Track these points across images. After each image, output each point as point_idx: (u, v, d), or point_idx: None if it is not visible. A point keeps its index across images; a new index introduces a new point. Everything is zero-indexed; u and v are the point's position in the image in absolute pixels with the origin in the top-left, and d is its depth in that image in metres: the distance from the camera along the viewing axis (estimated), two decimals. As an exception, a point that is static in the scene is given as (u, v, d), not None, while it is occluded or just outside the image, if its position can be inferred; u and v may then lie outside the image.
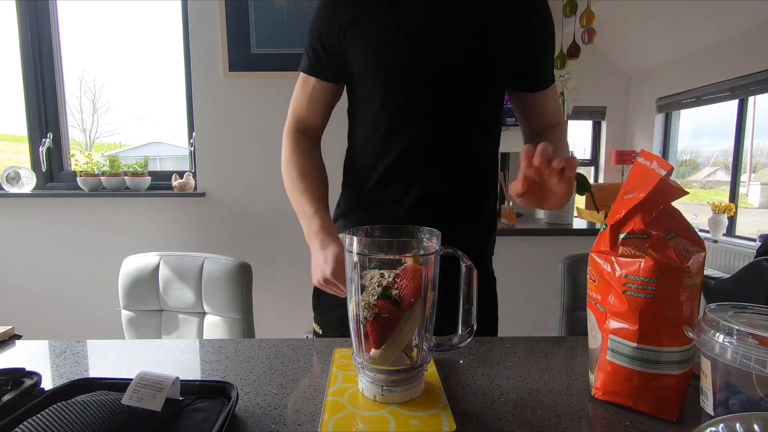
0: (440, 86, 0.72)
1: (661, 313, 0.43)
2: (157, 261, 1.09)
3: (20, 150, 2.27)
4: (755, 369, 0.38)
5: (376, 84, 0.74)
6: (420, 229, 0.51)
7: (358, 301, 0.46)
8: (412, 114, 0.74)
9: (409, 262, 0.46)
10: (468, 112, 0.75)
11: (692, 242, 0.45)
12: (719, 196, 4.93)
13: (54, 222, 2.01)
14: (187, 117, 2.11)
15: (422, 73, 0.71)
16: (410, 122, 0.74)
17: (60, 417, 0.36)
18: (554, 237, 1.86)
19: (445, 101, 0.73)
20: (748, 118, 4.12)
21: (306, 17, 1.88)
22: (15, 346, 0.65)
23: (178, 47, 2.05)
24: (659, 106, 5.09)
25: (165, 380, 0.42)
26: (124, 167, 2.04)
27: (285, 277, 2.00)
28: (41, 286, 2.05)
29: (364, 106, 0.78)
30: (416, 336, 0.48)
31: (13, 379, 0.47)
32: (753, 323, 0.42)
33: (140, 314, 1.10)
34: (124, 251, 1.20)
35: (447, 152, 0.75)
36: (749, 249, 3.83)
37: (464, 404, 0.48)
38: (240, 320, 1.04)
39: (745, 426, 0.31)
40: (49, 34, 2.04)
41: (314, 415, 0.46)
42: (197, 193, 1.97)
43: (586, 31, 3.11)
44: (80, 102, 3.41)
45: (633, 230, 0.46)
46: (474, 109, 0.75)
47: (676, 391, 0.44)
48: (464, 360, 0.59)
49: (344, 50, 0.75)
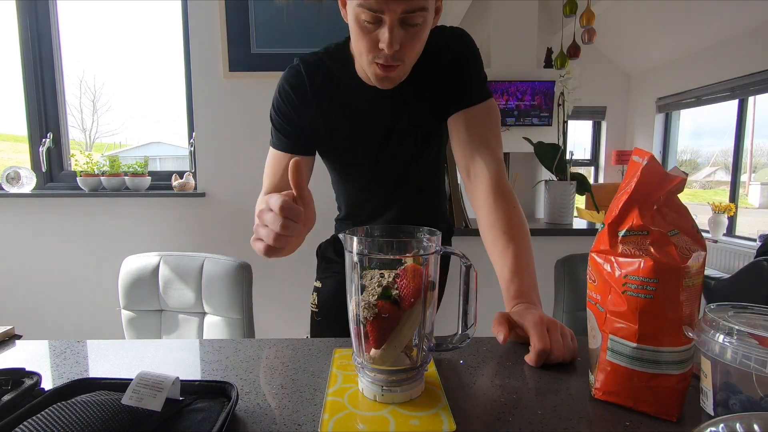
0: (389, 164, 0.90)
1: (661, 313, 0.43)
2: (157, 261, 1.09)
3: (20, 150, 2.27)
4: (755, 369, 0.38)
5: (336, 169, 0.94)
6: (420, 229, 0.51)
7: (358, 301, 0.46)
8: (371, 183, 0.93)
9: (409, 262, 0.46)
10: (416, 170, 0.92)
11: (694, 241, 0.45)
12: (719, 196, 4.94)
13: (54, 222, 2.01)
14: (187, 117, 2.11)
15: (369, 159, 0.89)
16: (371, 191, 0.95)
17: (60, 417, 0.36)
18: (554, 237, 1.86)
19: (396, 170, 0.91)
20: (748, 118, 4.12)
21: (306, 17, 1.88)
22: (15, 346, 0.65)
23: (178, 47, 2.05)
24: (659, 106, 5.09)
25: (165, 380, 0.42)
26: (124, 167, 2.04)
27: (285, 277, 2.00)
28: (41, 286, 2.05)
29: (331, 170, 0.97)
30: (416, 336, 0.48)
31: (13, 379, 0.47)
32: (753, 323, 0.42)
33: (140, 314, 1.10)
34: (124, 251, 1.20)
35: (404, 197, 0.95)
36: (749, 249, 3.83)
37: (464, 404, 0.48)
38: (240, 320, 1.04)
39: (745, 426, 0.31)
40: (49, 34, 2.04)
41: (314, 415, 0.46)
42: (197, 193, 1.97)
43: (586, 31, 3.11)
44: (80, 102, 3.42)
45: (632, 227, 0.46)
46: (420, 165, 0.92)
47: (676, 391, 0.44)
48: (464, 360, 0.59)
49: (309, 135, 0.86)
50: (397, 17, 0.65)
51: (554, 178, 1.94)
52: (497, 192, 0.76)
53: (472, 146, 0.80)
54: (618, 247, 0.46)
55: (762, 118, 4.14)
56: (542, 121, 4.64)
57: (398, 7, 0.64)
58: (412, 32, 0.68)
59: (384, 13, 0.65)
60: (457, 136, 0.82)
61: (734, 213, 4.17)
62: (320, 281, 1.02)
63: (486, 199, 0.76)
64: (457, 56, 0.82)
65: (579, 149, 5.98)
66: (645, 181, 0.45)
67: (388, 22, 0.66)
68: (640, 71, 5.41)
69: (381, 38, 0.67)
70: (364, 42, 0.69)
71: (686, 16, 4.07)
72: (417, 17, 0.67)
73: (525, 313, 0.62)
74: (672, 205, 0.47)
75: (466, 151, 0.81)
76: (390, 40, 0.66)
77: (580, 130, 5.93)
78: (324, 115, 0.84)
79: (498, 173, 0.78)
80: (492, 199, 0.76)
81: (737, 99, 4.09)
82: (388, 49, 0.67)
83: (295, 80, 0.82)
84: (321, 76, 0.82)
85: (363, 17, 0.66)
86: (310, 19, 1.88)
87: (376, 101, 0.83)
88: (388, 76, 0.73)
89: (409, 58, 0.72)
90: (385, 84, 0.76)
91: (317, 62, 0.83)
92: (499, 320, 0.62)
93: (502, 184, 0.77)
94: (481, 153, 0.79)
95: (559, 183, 1.91)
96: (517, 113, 4.59)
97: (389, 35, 0.66)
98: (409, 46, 0.70)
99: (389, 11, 0.64)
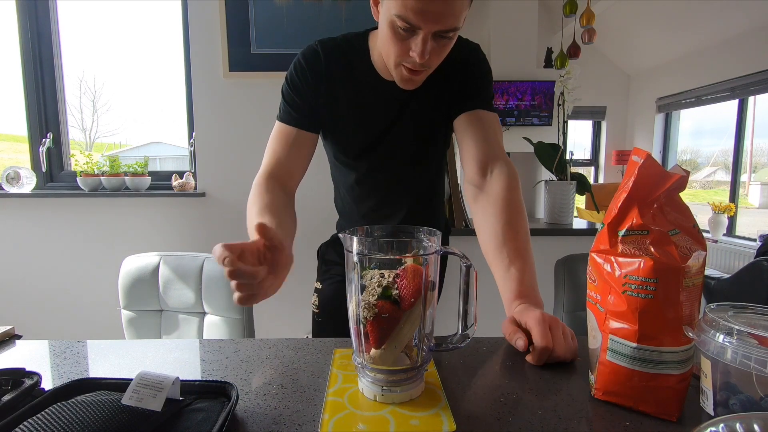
0: (389, 158, 0.90)
1: (661, 313, 0.43)
2: (157, 261, 1.09)
3: (20, 150, 2.27)
4: (755, 369, 0.38)
5: (336, 158, 0.93)
6: (420, 229, 0.51)
7: (358, 301, 0.46)
8: (368, 176, 0.92)
9: (409, 262, 0.46)
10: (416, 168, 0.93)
11: (695, 240, 0.45)
12: (719, 196, 4.94)
13: (54, 222, 2.01)
14: (187, 117, 2.11)
15: (370, 151, 0.89)
16: (368, 184, 0.94)
17: (60, 417, 0.36)
18: (554, 237, 1.86)
19: (395, 165, 0.91)
20: (748, 118, 4.12)
21: (306, 17, 1.88)
22: (15, 346, 0.65)
23: (178, 47, 2.05)
24: (659, 106, 5.09)
25: (165, 380, 0.42)
26: (124, 167, 2.04)
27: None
28: (41, 286, 2.05)
29: (335, 170, 0.98)
30: (416, 336, 0.48)
31: (13, 379, 0.47)
32: (753, 323, 0.42)
33: (140, 314, 1.10)
34: (124, 251, 1.20)
35: (404, 199, 0.95)
36: (749, 249, 3.83)
37: (464, 404, 0.48)
38: (240, 320, 1.04)
39: (745, 426, 0.31)
40: (49, 34, 2.04)
41: (314, 415, 0.46)
42: (197, 193, 1.97)
43: (586, 31, 3.11)
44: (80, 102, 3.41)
45: (632, 226, 0.46)
46: (419, 163, 0.93)
47: (676, 391, 0.44)
48: (464, 360, 0.59)
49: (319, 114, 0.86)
50: (432, 32, 0.67)
51: (554, 178, 1.94)
52: (513, 197, 0.77)
53: (491, 146, 0.81)
54: (618, 247, 0.46)
55: (762, 118, 4.14)
56: (542, 121, 4.63)
57: (435, 27, 0.66)
58: (442, 44, 0.70)
59: (420, 28, 0.66)
60: (473, 134, 0.82)
61: (734, 213, 4.17)
62: (321, 282, 1.03)
63: (503, 200, 0.76)
64: (472, 66, 0.85)
65: (579, 149, 5.98)
66: (643, 179, 0.45)
67: (422, 34, 0.67)
68: (640, 71, 5.41)
69: (413, 47, 0.69)
70: (396, 47, 0.71)
71: (686, 16, 4.07)
72: (450, 33, 0.68)
73: (527, 312, 0.62)
74: (674, 204, 0.47)
75: (484, 149, 0.81)
76: (422, 51, 0.68)
77: (580, 130, 5.93)
78: (334, 99, 0.84)
79: (516, 178, 0.79)
80: (509, 203, 0.76)
81: (737, 99, 4.09)
82: (419, 59, 0.69)
83: (312, 57, 0.83)
84: (337, 61, 0.83)
85: (398, 24, 0.67)
86: (310, 19, 1.88)
87: (387, 95, 0.84)
88: (413, 79, 0.75)
89: (434, 64, 0.74)
90: (409, 86, 0.77)
91: (335, 47, 0.84)
92: (512, 327, 0.63)
93: (518, 191, 0.79)
94: (501, 155, 0.81)
95: (559, 183, 1.91)
96: (517, 113, 4.58)
97: (422, 47, 0.68)
98: (437, 55, 0.71)
99: (426, 28, 0.66)
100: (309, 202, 1.79)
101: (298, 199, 0.83)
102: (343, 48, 0.84)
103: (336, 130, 0.88)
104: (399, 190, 0.94)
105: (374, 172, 0.92)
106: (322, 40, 0.84)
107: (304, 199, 1.95)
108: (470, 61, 0.85)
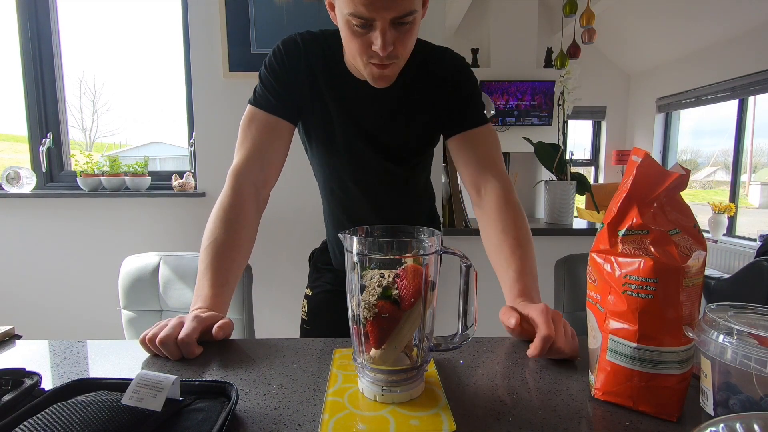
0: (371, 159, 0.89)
1: (661, 313, 0.43)
2: (157, 261, 1.09)
3: (20, 150, 2.27)
4: (755, 369, 0.38)
5: (316, 155, 0.92)
6: (420, 229, 0.51)
7: (358, 301, 0.46)
8: (351, 177, 0.91)
9: (409, 262, 0.46)
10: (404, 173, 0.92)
11: (695, 240, 0.45)
12: (719, 196, 4.94)
13: (54, 222, 2.01)
14: (187, 117, 2.11)
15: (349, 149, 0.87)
16: (350, 186, 0.92)
17: (60, 417, 0.36)
18: (554, 237, 1.86)
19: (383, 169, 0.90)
20: (748, 118, 4.12)
21: (306, 17, 1.88)
22: (15, 346, 0.65)
23: (178, 47, 2.05)
24: (659, 106, 5.09)
25: (165, 380, 0.42)
26: (124, 167, 2.04)
27: (285, 277, 2.00)
28: (41, 286, 2.05)
29: (317, 165, 0.95)
30: (416, 336, 0.48)
31: (13, 379, 0.47)
32: (753, 323, 0.42)
33: (140, 314, 1.10)
34: (124, 251, 1.20)
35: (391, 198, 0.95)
36: (749, 249, 3.83)
37: (464, 404, 0.48)
38: (240, 320, 1.04)
39: (745, 426, 0.31)
40: (49, 34, 2.03)
41: (314, 415, 0.46)
42: (197, 193, 1.97)
43: (586, 31, 3.11)
44: (80, 102, 3.42)
45: (632, 226, 0.46)
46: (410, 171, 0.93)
47: (676, 391, 0.44)
48: (464, 360, 0.59)
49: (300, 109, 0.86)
50: (388, 21, 0.66)
51: (554, 178, 1.94)
52: (509, 204, 0.79)
53: (481, 164, 0.83)
54: (618, 247, 0.46)
55: (762, 118, 4.14)
56: (542, 121, 4.64)
57: (388, 14, 0.65)
58: (404, 30, 0.69)
59: (375, 20, 0.66)
60: (464, 156, 0.84)
61: (734, 213, 4.17)
62: (311, 289, 1.02)
63: (498, 209, 0.79)
64: (458, 82, 0.85)
65: (579, 149, 5.98)
66: (642, 178, 0.45)
67: (379, 26, 0.66)
68: (640, 71, 5.41)
69: (374, 41, 0.68)
70: (357, 44, 0.70)
71: (686, 16, 4.07)
72: (407, 18, 0.67)
73: (529, 304, 0.64)
74: (674, 204, 0.47)
75: (474, 169, 0.83)
76: (384, 43, 0.67)
77: (580, 130, 5.93)
78: (313, 92, 0.84)
79: (509, 187, 0.81)
80: (504, 209, 0.78)
81: (737, 99, 4.09)
82: (382, 51, 0.68)
83: (292, 45, 0.83)
84: (317, 53, 0.83)
85: (354, 23, 0.67)
86: (310, 19, 1.88)
87: (368, 93, 0.83)
88: (384, 74, 0.74)
89: (402, 54, 0.73)
90: (381, 83, 0.77)
91: (314, 39, 0.84)
92: (509, 311, 0.64)
93: (513, 197, 0.80)
94: (491, 170, 0.82)
95: (559, 183, 1.92)
96: (517, 113, 4.59)
97: (382, 39, 0.67)
98: (401, 44, 0.70)
99: (380, 18, 0.65)
100: (304, 205, 1.79)
101: (291, 206, 0.83)
102: (321, 42, 0.83)
103: (314, 123, 0.87)
104: (385, 189, 0.93)
105: (361, 170, 0.91)
106: (300, 33, 0.84)
107: (299, 204, 1.95)
108: (459, 83, 0.84)
